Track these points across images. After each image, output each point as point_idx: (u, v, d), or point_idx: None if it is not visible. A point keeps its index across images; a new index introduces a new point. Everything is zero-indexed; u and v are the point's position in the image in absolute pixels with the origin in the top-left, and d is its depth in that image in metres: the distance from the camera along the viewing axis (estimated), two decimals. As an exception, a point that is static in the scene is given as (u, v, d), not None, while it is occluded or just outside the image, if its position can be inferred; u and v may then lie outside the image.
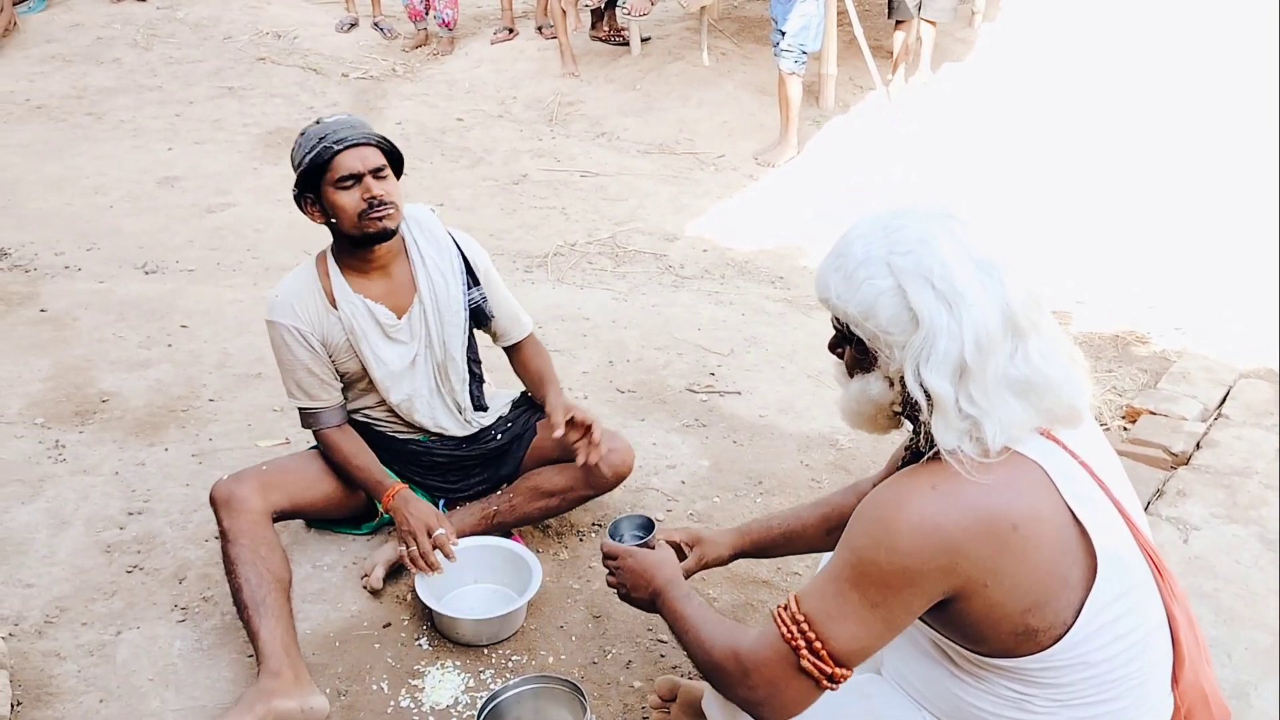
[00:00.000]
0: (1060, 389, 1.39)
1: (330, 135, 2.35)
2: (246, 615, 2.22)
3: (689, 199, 5.67)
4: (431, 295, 2.53)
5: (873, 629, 1.40)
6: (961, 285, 1.35)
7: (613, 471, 2.59)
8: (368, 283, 2.50)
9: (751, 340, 3.94)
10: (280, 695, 2.07)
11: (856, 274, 1.41)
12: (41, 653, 2.34)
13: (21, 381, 3.48)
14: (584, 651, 2.38)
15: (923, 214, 1.43)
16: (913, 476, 1.40)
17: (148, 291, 4.19)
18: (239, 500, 2.34)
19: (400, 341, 2.52)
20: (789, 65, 5.94)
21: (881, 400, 1.47)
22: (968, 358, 1.34)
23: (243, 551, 2.28)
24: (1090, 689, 1.44)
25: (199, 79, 7.22)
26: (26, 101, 6.82)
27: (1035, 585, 1.36)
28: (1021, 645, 1.40)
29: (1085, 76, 6.50)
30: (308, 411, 2.54)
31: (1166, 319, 4.01)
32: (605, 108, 6.92)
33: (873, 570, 1.37)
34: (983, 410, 1.35)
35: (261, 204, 5.27)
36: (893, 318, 1.38)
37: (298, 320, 2.45)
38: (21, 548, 2.67)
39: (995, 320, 1.35)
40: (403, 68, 7.67)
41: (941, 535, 1.33)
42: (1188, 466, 2.97)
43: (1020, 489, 1.36)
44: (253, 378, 3.55)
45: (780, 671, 1.44)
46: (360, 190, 2.35)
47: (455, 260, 2.56)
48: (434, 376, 2.58)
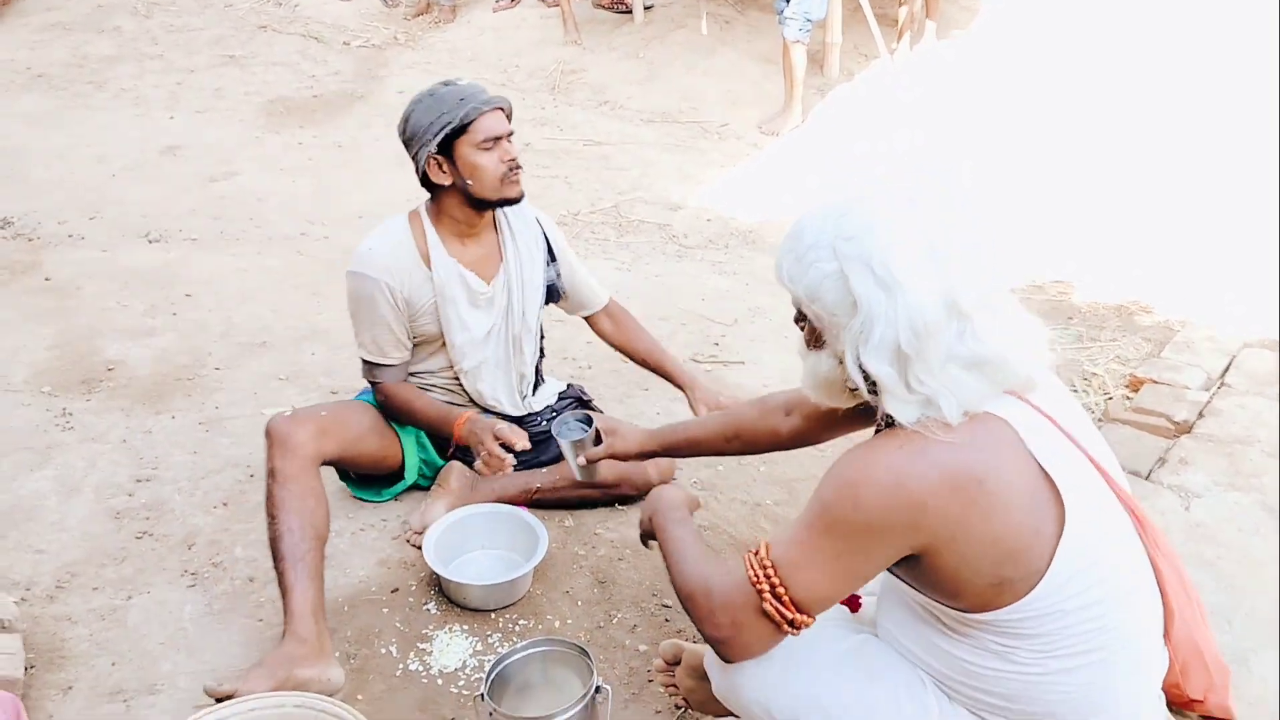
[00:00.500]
0: (1013, 364, 1.44)
1: (471, 97, 2.39)
2: (282, 567, 2.20)
3: (693, 168, 5.66)
4: (517, 267, 2.58)
5: (835, 580, 1.46)
6: (899, 271, 1.39)
7: (660, 474, 2.71)
8: (461, 248, 2.54)
9: (755, 310, 3.94)
10: (303, 663, 2.08)
11: (806, 256, 1.47)
12: (53, 617, 2.37)
13: (27, 350, 3.50)
14: (589, 616, 2.40)
15: (871, 199, 1.48)
16: (882, 438, 1.46)
17: (151, 260, 4.20)
18: (296, 443, 2.32)
19: (483, 309, 2.56)
20: (793, 33, 5.90)
21: (831, 377, 1.55)
22: (904, 343, 1.39)
23: (290, 498, 2.26)
24: (1072, 639, 1.47)
25: (200, 47, 7.18)
26: (28, 70, 6.79)
27: (1006, 537, 1.41)
28: (998, 597, 1.44)
29: (1091, 44, 6.45)
30: (375, 365, 2.56)
31: (1171, 288, 4.01)
32: (608, 76, 6.89)
33: (840, 525, 1.43)
34: (933, 389, 1.40)
35: (264, 173, 5.26)
36: (836, 301, 1.44)
37: (390, 277, 2.47)
38: (31, 515, 2.70)
39: (934, 305, 1.39)
40: (404, 36, 7.63)
41: (906, 493, 1.38)
42: (1190, 435, 2.98)
43: (985, 445, 1.41)
44: (257, 346, 3.56)
45: (744, 613, 1.50)
46: (500, 153, 2.40)
47: (539, 236, 2.64)
48: (507, 347, 2.63)
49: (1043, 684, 1.51)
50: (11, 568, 2.51)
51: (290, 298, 3.91)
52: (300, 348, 3.56)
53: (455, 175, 2.44)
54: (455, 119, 2.38)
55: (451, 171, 2.44)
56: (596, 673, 1.97)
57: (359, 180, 5.24)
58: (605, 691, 1.97)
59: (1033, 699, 1.53)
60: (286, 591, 2.19)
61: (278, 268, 4.17)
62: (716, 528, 2.70)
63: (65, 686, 2.17)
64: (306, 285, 4.02)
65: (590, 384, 3.33)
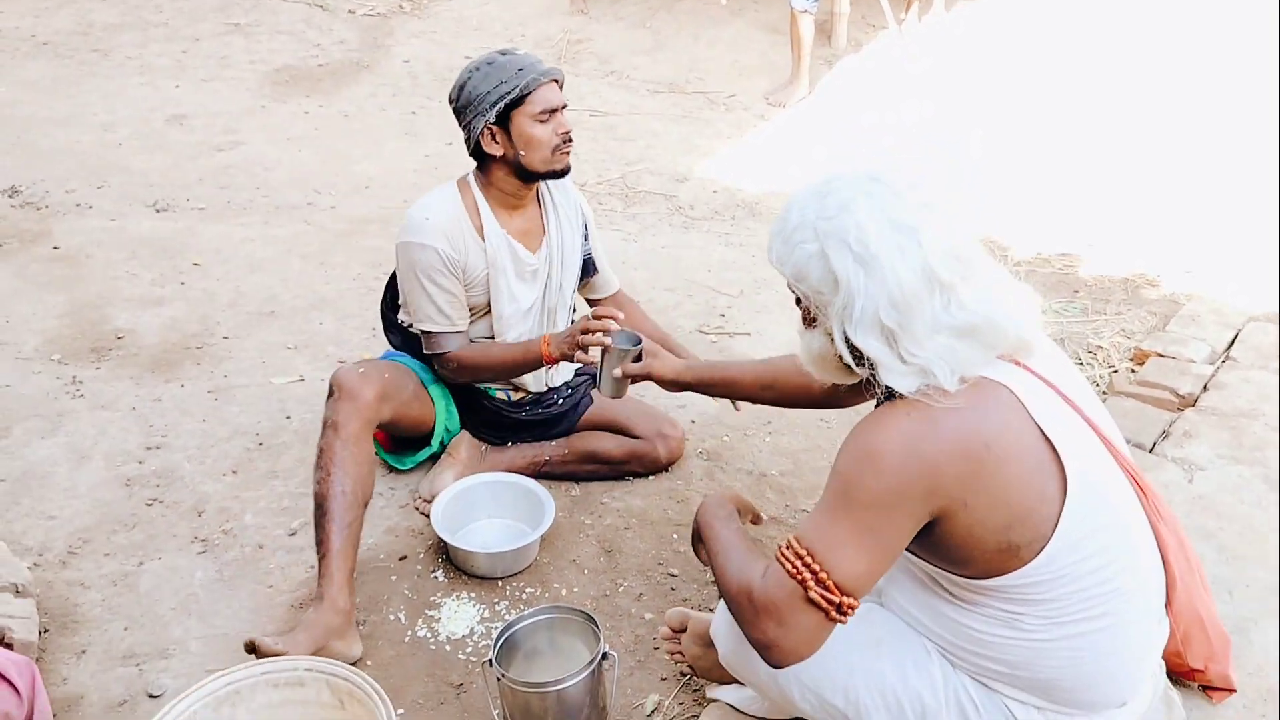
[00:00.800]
0: (1004, 327, 1.47)
1: (530, 68, 2.37)
2: (327, 526, 2.18)
3: (699, 139, 5.63)
4: (559, 240, 2.59)
5: (871, 553, 1.46)
6: (875, 248, 1.44)
7: (668, 453, 2.74)
8: (509, 219, 2.54)
9: (761, 282, 3.94)
10: (337, 636, 2.11)
11: (792, 238, 1.53)
12: (66, 582, 2.40)
13: (37, 318, 3.51)
14: (596, 585, 2.43)
15: (850, 180, 1.52)
16: (890, 408, 1.49)
17: (159, 229, 4.20)
18: (364, 402, 2.31)
19: (528, 281, 2.57)
20: (801, 3, 5.86)
21: (824, 353, 1.60)
22: (884, 316, 1.44)
23: (346, 456, 2.24)
24: (1078, 604, 1.50)
25: (204, 15, 7.13)
26: (32, 38, 6.75)
27: (1013, 500, 1.44)
28: (1006, 562, 1.47)
29: (1099, 17, 6.40)
30: (443, 334, 2.52)
31: (1177, 262, 4.00)
32: (615, 46, 6.84)
33: (862, 495, 1.44)
34: (925, 358, 1.44)
35: (271, 143, 5.25)
36: (820, 279, 1.50)
37: (449, 246, 2.46)
38: (43, 481, 2.73)
39: (911, 278, 1.43)
40: (410, 4, 7.56)
41: (920, 456, 1.41)
42: (1194, 408, 2.99)
43: (988, 409, 1.45)
44: (266, 315, 3.58)
45: (790, 608, 1.48)
46: (555, 124, 2.40)
47: (578, 210, 2.65)
48: (542, 319, 2.64)
49: (1048, 650, 1.54)
50: (24, 534, 2.54)
51: (298, 267, 3.92)
52: (308, 317, 3.57)
53: (508, 146, 2.42)
54: (514, 89, 2.36)
55: (505, 142, 2.42)
56: (603, 639, 1.99)
57: (366, 150, 5.23)
58: (612, 658, 2.00)
59: (1038, 666, 1.55)
60: (327, 553, 2.17)
61: (285, 237, 4.17)
62: (722, 498, 2.71)
63: (79, 650, 2.21)
64: (314, 255, 4.02)
65: (596, 355, 3.34)
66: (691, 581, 2.44)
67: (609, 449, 2.73)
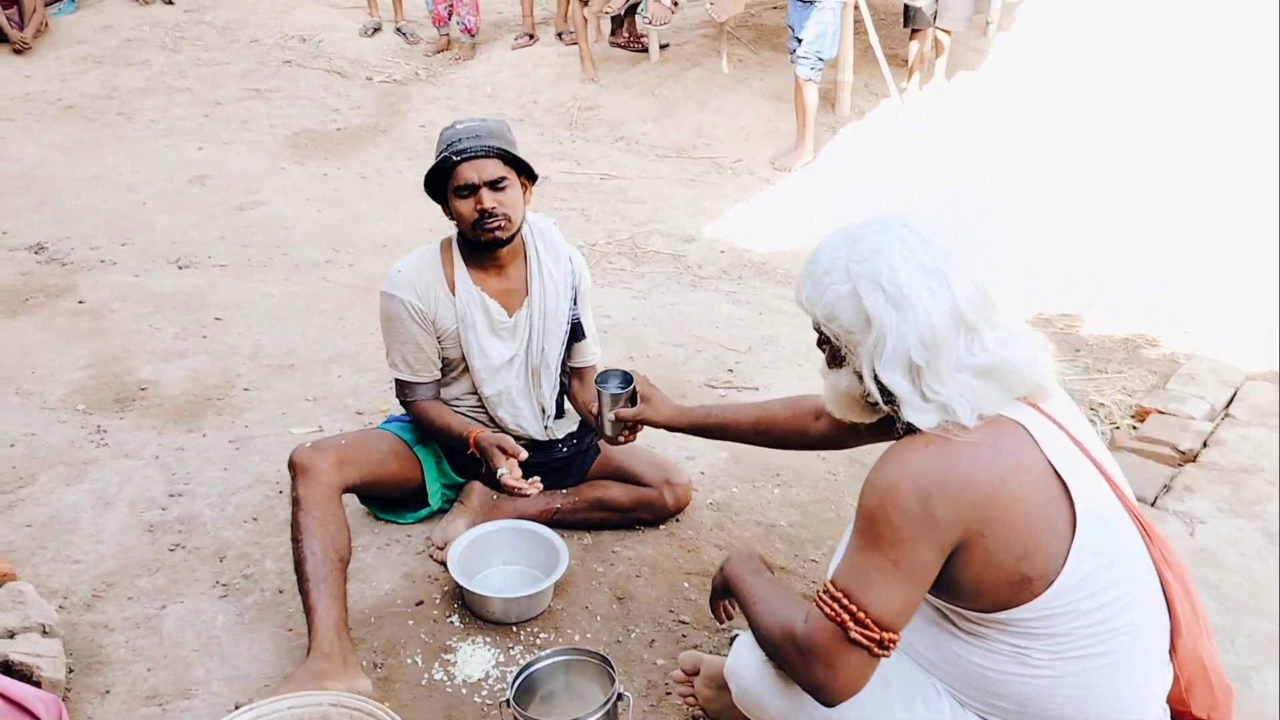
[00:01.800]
0: (1022, 370, 1.54)
1: (455, 144, 2.48)
2: (306, 588, 2.29)
3: (707, 202, 5.77)
4: (542, 302, 2.66)
5: (903, 587, 1.51)
6: (907, 288, 1.51)
7: (675, 501, 2.79)
8: (486, 277, 2.62)
9: (769, 339, 4.03)
10: (329, 677, 2.15)
11: (823, 280, 1.59)
12: (91, 624, 2.45)
13: (63, 369, 3.60)
14: (608, 631, 2.47)
15: (880, 224, 1.60)
16: (907, 442, 1.54)
17: (182, 285, 4.31)
18: (317, 471, 2.41)
19: (504, 339, 2.65)
20: (805, 72, 6.03)
21: (852, 392, 1.65)
22: (914, 355, 1.51)
23: (313, 524, 2.35)
24: (1084, 640, 1.54)
25: (227, 81, 7.35)
26: (59, 101, 6.96)
27: (1026, 533, 1.49)
28: (1017, 595, 1.52)
29: (1096, 84, 6.58)
30: (407, 383, 2.65)
31: (1176, 323, 4.09)
32: (624, 112, 7.03)
33: (887, 532, 1.49)
34: (947, 396, 1.50)
35: (290, 203, 5.39)
36: (852, 319, 1.56)
37: (416, 297, 2.57)
38: (69, 526, 2.78)
39: (941, 319, 1.51)
40: (425, 72, 7.79)
41: (940, 488, 1.47)
42: (1195, 464, 3.05)
43: (1004, 445, 1.51)
44: (285, 368, 3.66)
45: (835, 650, 1.53)
46: (475, 200, 2.48)
47: (568, 275, 2.70)
48: (527, 378, 2.71)
49: (1054, 687, 1.57)
50: (50, 577, 2.59)
51: (317, 322, 4.02)
52: (327, 370, 3.66)
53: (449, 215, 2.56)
54: (437, 165, 2.50)
55: (447, 211, 2.56)
56: (619, 681, 2.04)
57: (383, 210, 5.37)
58: (627, 699, 2.04)
59: (1044, 703, 1.58)
60: (311, 611, 2.28)
61: (304, 294, 4.28)
62: (732, 547, 2.76)
63: (103, 690, 2.25)
64: (333, 310, 4.13)
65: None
66: (703, 629, 2.48)
67: (617, 497, 2.78)
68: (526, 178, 2.58)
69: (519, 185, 2.55)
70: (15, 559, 2.60)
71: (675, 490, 2.78)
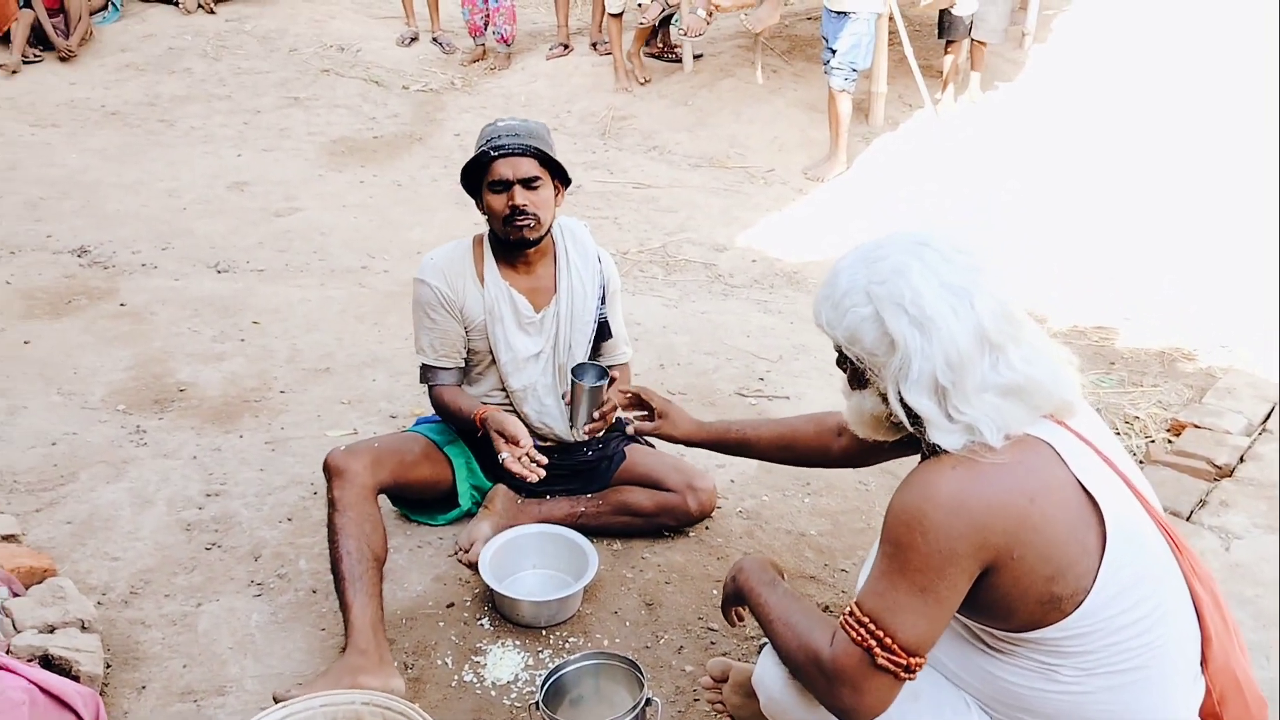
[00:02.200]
0: (1048, 387, 1.52)
1: (494, 140, 2.54)
2: (342, 587, 2.33)
3: (739, 211, 5.78)
4: (569, 301, 2.70)
5: (930, 612, 1.49)
6: (931, 310, 1.49)
7: (698, 506, 2.78)
8: (515, 274, 2.68)
9: (800, 348, 4.03)
10: (365, 673, 2.18)
11: (842, 303, 1.57)
12: (128, 620, 2.49)
13: (104, 370, 3.67)
14: (637, 636, 2.48)
15: (899, 245, 1.58)
16: (933, 464, 1.52)
17: (220, 289, 4.38)
18: (352, 473, 2.46)
19: (530, 334, 2.69)
20: (839, 82, 6.03)
21: (876, 413, 1.64)
22: (940, 376, 1.49)
23: (348, 524, 2.39)
24: (1114, 656, 1.52)
25: (266, 89, 7.46)
26: (102, 108, 7.09)
27: (1056, 554, 1.47)
28: (1047, 614, 1.50)
29: (1133, 96, 6.53)
30: (430, 368, 2.71)
31: (1212, 336, 4.05)
32: (657, 122, 7.05)
33: (914, 558, 1.47)
34: (973, 416, 1.49)
35: (327, 209, 5.46)
36: (874, 341, 1.54)
37: (445, 284, 2.63)
38: (108, 524, 2.84)
39: (966, 339, 1.49)
40: (461, 81, 7.86)
41: (968, 512, 1.45)
42: (1231, 479, 3.02)
43: (1032, 465, 1.49)
44: (321, 372, 3.71)
45: (861, 674, 1.52)
46: (507, 197, 2.53)
47: (597, 276, 2.74)
48: (554, 374, 2.74)
49: (1085, 702, 1.55)
50: (89, 573, 2.64)
51: (352, 327, 4.07)
52: (362, 374, 3.70)
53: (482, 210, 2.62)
54: (474, 159, 2.55)
55: (480, 205, 2.61)
56: (648, 686, 2.05)
57: (417, 217, 5.42)
58: (656, 704, 2.05)
59: (1075, 717, 1.57)
60: (347, 609, 2.31)
61: (340, 298, 4.33)
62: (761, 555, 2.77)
63: (140, 686, 2.29)
64: (368, 315, 4.17)
65: (639, 415, 3.43)
66: (731, 636, 2.48)
67: (640, 501, 2.78)
68: (560, 181, 2.63)
69: (552, 187, 2.60)
70: (55, 555, 2.65)
71: (699, 495, 2.77)
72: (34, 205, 5.37)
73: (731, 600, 1.91)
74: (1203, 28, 6.92)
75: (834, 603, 2.58)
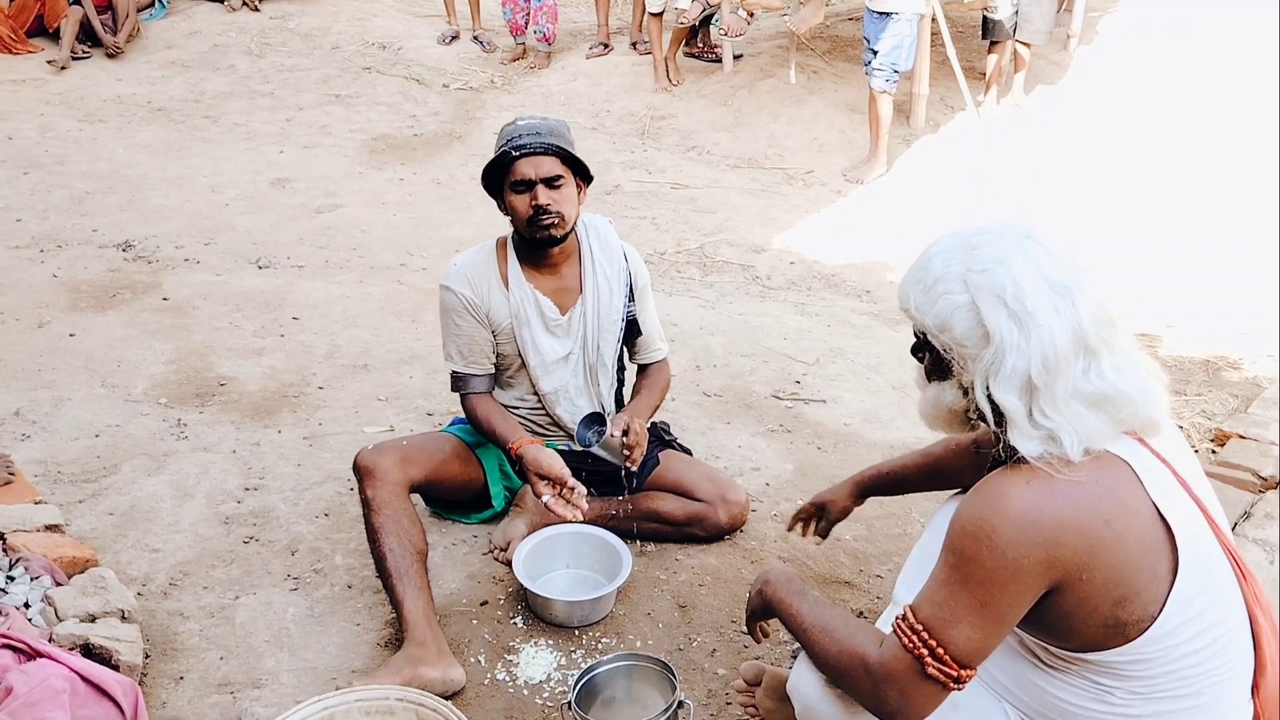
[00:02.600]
0: (1136, 402, 1.45)
1: (514, 140, 2.51)
2: (391, 583, 2.35)
3: (777, 212, 5.75)
4: (595, 300, 2.67)
5: (986, 627, 1.45)
6: (1032, 305, 1.42)
7: (729, 518, 2.75)
8: (539, 276, 2.65)
9: (837, 351, 4.01)
10: (425, 664, 2.20)
11: (935, 288, 1.50)
12: (167, 612, 2.52)
13: (146, 364, 3.72)
14: (670, 638, 2.48)
15: (1001, 233, 1.51)
16: (1006, 475, 1.46)
17: (261, 285, 4.43)
18: (382, 471, 2.46)
19: (558, 336, 2.67)
20: (880, 84, 5.99)
21: (955, 407, 1.57)
22: (1034, 375, 1.42)
23: (386, 522, 2.40)
24: (1172, 683, 1.48)
25: (308, 86, 7.54)
26: (148, 104, 7.20)
27: (1125, 579, 1.42)
28: (1110, 638, 1.46)
29: (1179, 100, 6.43)
30: (459, 375, 2.69)
31: (1259, 345, 3.97)
32: (696, 122, 7.04)
33: (977, 570, 1.43)
34: (1056, 423, 1.42)
35: (367, 206, 5.50)
36: (966, 332, 1.47)
37: (469, 290, 2.62)
38: (149, 515, 2.87)
39: (1065, 340, 1.42)
40: (501, 80, 7.90)
41: (1039, 530, 1.39)
42: (1276, 490, 2.96)
43: (1110, 485, 1.43)
44: (359, 368, 3.74)
45: (909, 680, 1.49)
46: (530, 196, 2.50)
47: (623, 273, 2.71)
48: (585, 375, 2.73)
49: None
50: (130, 564, 2.68)
51: (390, 324, 4.09)
52: (399, 370, 3.73)
53: (505, 211, 2.59)
54: (495, 160, 2.52)
55: (503, 208, 2.59)
56: (680, 689, 2.04)
57: (456, 215, 5.45)
58: (688, 706, 2.04)
59: None
60: (399, 604, 2.33)
61: (379, 295, 4.36)
62: (796, 560, 2.75)
63: (177, 676, 2.32)
64: (406, 313, 4.20)
65: (672, 416, 3.42)
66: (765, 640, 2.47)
67: (671, 510, 2.75)
68: (582, 179, 2.60)
69: (574, 185, 2.57)
70: (97, 545, 2.69)
71: (730, 507, 2.73)
72: (80, 200, 5.46)
73: (759, 615, 1.88)
74: (1248, 30, 6.80)
75: (869, 609, 2.56)
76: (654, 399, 2.77)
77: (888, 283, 4.89)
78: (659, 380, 2.82)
